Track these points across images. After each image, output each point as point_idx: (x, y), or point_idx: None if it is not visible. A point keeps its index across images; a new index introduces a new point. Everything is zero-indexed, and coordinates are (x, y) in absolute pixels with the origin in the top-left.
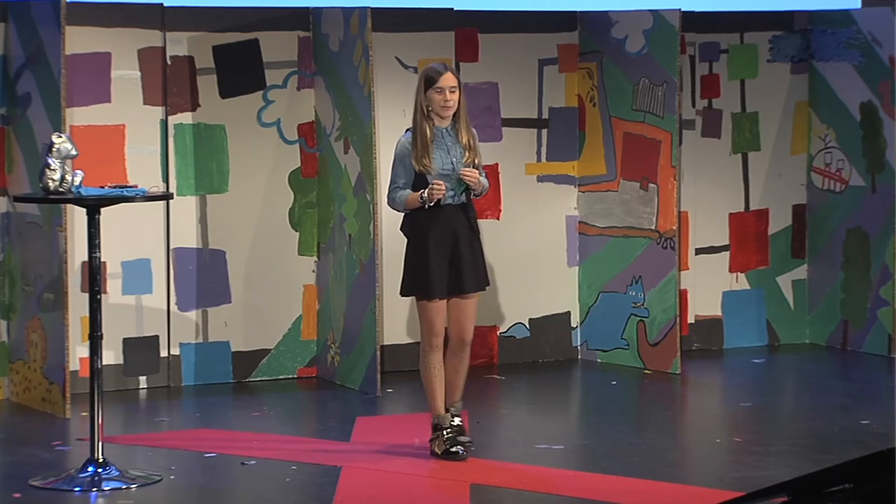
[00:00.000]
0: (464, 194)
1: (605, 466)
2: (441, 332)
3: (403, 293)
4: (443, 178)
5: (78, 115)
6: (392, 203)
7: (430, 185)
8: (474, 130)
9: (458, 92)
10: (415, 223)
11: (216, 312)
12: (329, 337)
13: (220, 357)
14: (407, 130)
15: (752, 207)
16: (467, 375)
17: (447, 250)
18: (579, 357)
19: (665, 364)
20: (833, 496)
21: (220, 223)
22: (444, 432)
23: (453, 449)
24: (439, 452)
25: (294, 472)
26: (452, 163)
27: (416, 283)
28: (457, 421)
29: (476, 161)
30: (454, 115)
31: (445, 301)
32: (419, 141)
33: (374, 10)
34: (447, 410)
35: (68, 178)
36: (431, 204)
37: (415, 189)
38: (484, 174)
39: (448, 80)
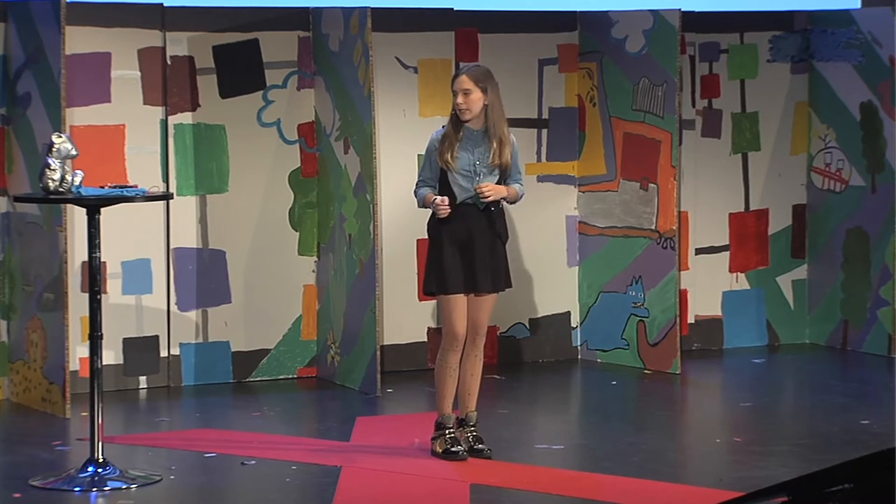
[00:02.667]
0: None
1: (605, 466)
2: (461, 332)
3: (424, 291)
4: (464, 177)
5: (78, 115)
6: (415, 196)
7: (441, 198)
8: (512, 137)
9: (475, 94)
10: (433, 221)
11: (216, 312)
12: (329, 337)
13: (220, 357)
14: (441, 128)
15: (752, 207)
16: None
17: (462, 248)
18: (579, 357)
19: (665, 364)
20: (833, 496)
21: (220, 223)
22: (447, 432)
23: (453, 449)
24: (440, 451)
25: (294, 472)
26: (475, 164)
27: (433, 279)
28: (473, 430)
29: (499, 163)
30: (485, 115)
31: (464, 298)
32: (447, 138)
33: (374, 10)
34: (462, 422)
35: (68, 178)
36: (439, 216)
37: (440, 185)
38: (519, 181)
39: (460, 83)
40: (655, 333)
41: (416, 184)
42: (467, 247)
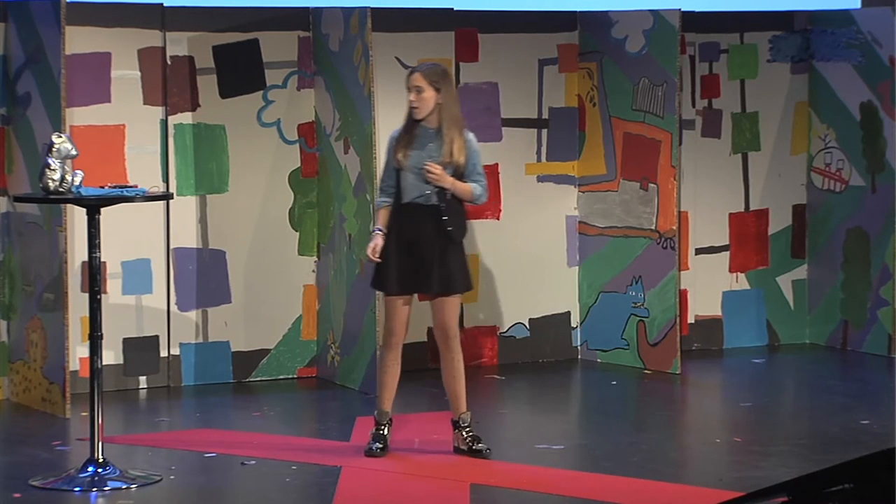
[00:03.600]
0: (435, 196)
1: (605, 466)
2: (398, 331)
3: (371, 284)
4: (416, 175)
5: (78, 115)
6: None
7: (373, 237)
8: (470, 134)
9: (427, 92)
10: (390, 220)
11: (216, 312)
12: (329, 337)
13: (220, 357)
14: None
15: (752, 207)
16: (465, 379)
17: (410, 249)
18: (579, 357)
19: (665, 364)
20: (833, 496)
21: (220, 223)
22: (378, 428)
23: (371, 445)
24: (381, 446)
25: (294, 472)
26: (428, 161)
27: (376, 276)
28: (469, 430)
29: (452, 162)
30: (439, 114)
31: (404, 299)
32: (402, 137)
33: (374, 10)
34: (456, 424)
35: (68, 178)
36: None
37: (397, 183)
38: (478, 181)
39: (412, 80)
40: (655, 333)
41: (378, 190)
42: (415, 248)
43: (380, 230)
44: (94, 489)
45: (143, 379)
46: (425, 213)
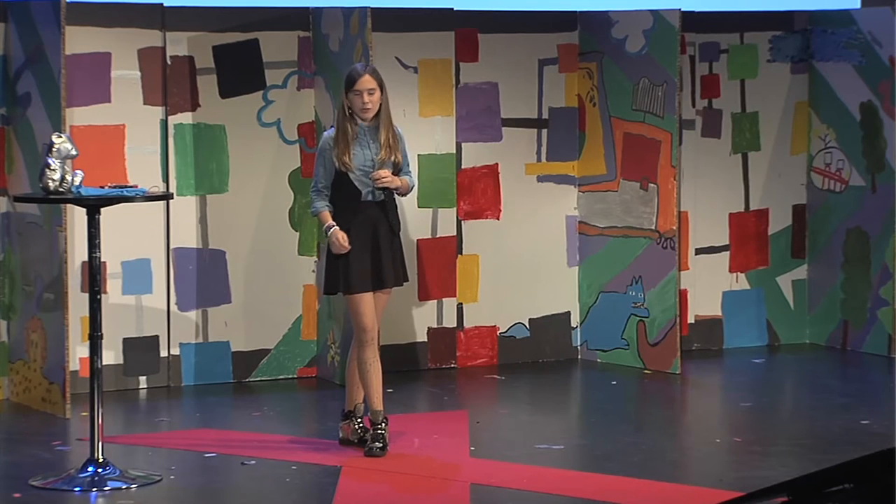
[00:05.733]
0: (382, 192)
1: (605, 466)
2: (371, 327)
3: (326, 291)
4: (363, 174)
5: (78, 115)
6: (311, 206)
7: (334, 232)
8: (399, 129)
9: (377, 92)
10: (335, 220)
11: (216, 312)
12: (329, 337)
13: (220, 357)
14: (331, 127)
15: (752, 207)
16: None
17: (367, 245)
18: (579, 357)
19: (665, 364)
20: (833, 496)
21: (220, 223)
22: (374, 429)
23: (373, 447)
24: (380, 445)
25: (294, 472)
26: (373, 160)
27: (337, 279)
28: (361, 423)
29: (393, 159)
30: (378, 113)
31: (370, 295)
32: (341, 139)
33: (374, 10)
34: (351, 413)
35: (68, 178)
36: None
37: (335, 185)
38: (409, 173)
39: (366, 82)
40: (655, 333)
41: (312, 190)
42: (372, 245)
43: (334, 224)
44: (94, 489)
45: (143, 379)
46: (375, 209)
